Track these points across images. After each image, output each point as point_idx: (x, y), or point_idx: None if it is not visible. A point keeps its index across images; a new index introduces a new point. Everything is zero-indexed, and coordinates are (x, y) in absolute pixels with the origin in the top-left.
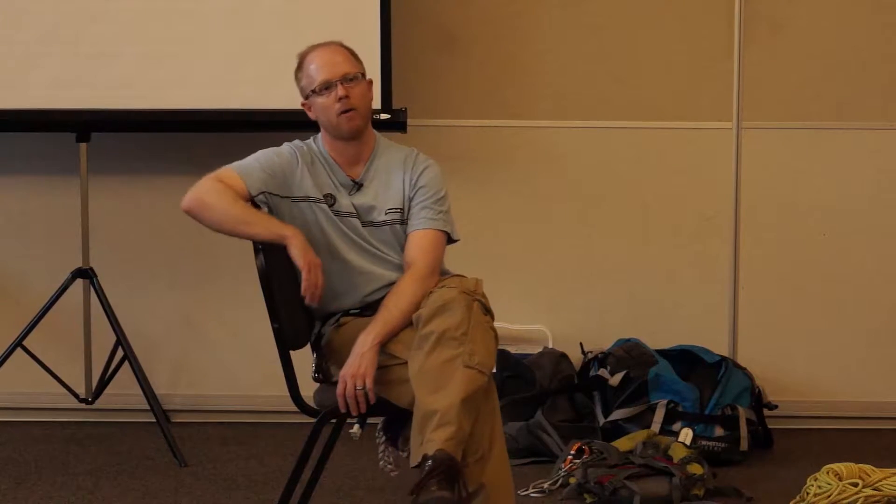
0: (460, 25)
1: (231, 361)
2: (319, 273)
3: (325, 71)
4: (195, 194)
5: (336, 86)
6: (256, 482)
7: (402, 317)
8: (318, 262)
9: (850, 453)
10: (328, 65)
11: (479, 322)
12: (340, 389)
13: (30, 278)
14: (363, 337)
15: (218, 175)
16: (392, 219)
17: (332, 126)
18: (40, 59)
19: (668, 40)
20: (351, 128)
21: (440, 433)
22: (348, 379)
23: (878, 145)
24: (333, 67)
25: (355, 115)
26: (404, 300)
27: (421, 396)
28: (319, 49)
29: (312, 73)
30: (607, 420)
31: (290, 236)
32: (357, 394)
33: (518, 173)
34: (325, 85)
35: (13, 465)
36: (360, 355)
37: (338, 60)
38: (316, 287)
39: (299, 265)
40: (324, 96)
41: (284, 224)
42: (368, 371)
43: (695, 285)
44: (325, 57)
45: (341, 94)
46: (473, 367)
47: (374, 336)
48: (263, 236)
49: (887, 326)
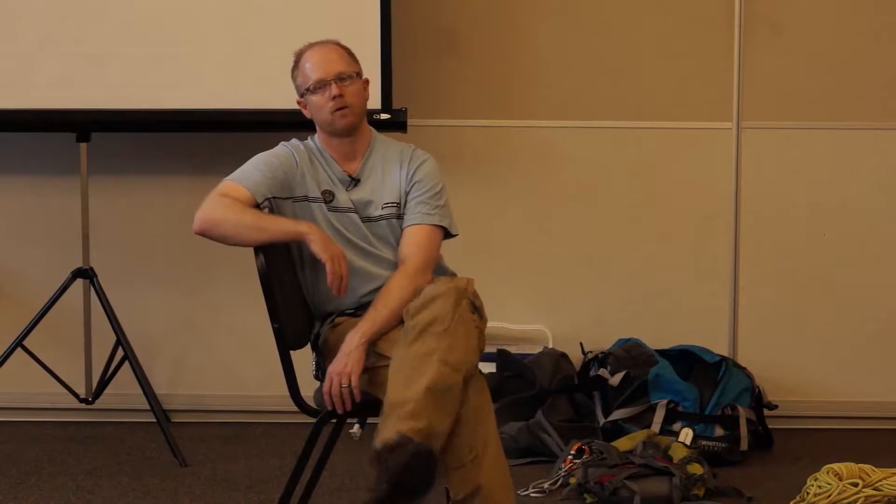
0: (460, 26)
1: (231, 361)
2: (344, 263)
3: (319, 69)
4: (204, 214)
5: (330, 84)
6: (256, 482)
7: (390, 314)
8: (341, 252)
9: (850, 453)
10: (323, 63)
11: (464, 320)
12: (326, 387)
13: (30, 278)
14: (351, 335)
15: (221, 191)
16: (389, 213)
17: (327, 123)
18: (40, 59)
19: (668, 40)
20: (344, 124)
21: (406, 424)
22: (334, 377)
23: (878, 145)
24: (328, 66)
25: (349, 112)
26: (393, 298)
27: (392, 385)
28: (315, 48)
29: (307, 71)
30: (607, 420)
31: (308, 232)
32: (343, 392)
33: (518, 173)
34: (320, 84)
35: (13, 465)
36: (347, 353)
37: (333, 59)
38: (342, 278)
39: (323, 258)
40: (318, 94)
41: (298, 221)
42: (354, 369)
43: (695, 285)
44: (320, 56)
45: (335, 93)
46: (448, 364)
47: (361, 334)
48: (281, 238)
49: (887, 326)
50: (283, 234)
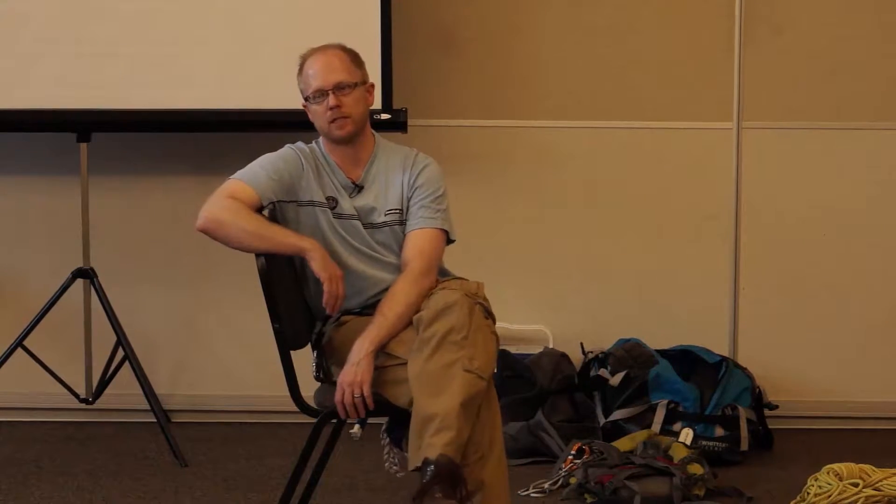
0: (460, 25)
1: (231, 361)
2: (341, 285)
3: (318, 78)
4: (209, 214)
5: (328, 95)
6: (256, 482)
7: (397, 320)
8: (340, 274)
9: (850, 453)
10: (323, 72)
11: (481, 326)
12: (338, 397)
13: (30, 278)
14: (359, 343)
15: (228, 191)
16: (391, 219)
17: (325, 132)
18: (40, 59)
19: (669, 40)
20: (341, 135)
21: (440, 437)
22: (346, 388)
23: (878, 145)
24: (328, 75)
25: (347, 122)
26: (398, 304)
27: (420, 399)
28: (318, 54)
29: (308, 79)
30: (608, 420)
31: (310, 249)
32: (356, 402)
33: (518, 173)
34: (318, 93)
35: (13, 465)
36: (356, 363)
37: (334, 67)
38: (337, 298)
39: (321, 277)
40: (317, 104)
41: (302, 236)
42: (365, 378)
43: (695, 285)
44: (321, 63)
45: (332, 104)
46: (473, 372)
47: (369, 343)
48: (282, 251)
49: (887, 326)
50: (285, 246)
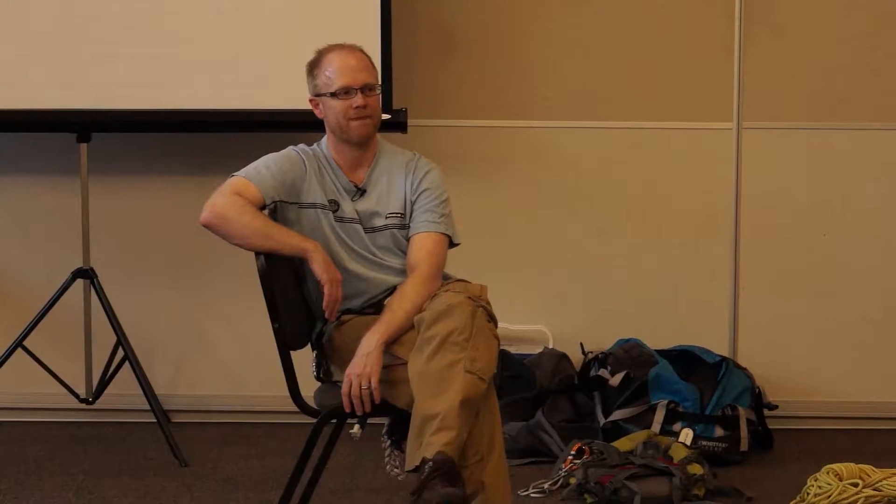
0: (460, 26)
1: (231, 361)
2: (340, 289)
3: (346, 76)
4: (214, 209)
5: (356, 93)
6: (256, 482)
7: (405, 318)
8: (340, 278)
9: (850, 453)
10: (350, 70)
11: (482, 328)
12: (346, 388)
13: (30, 278)
14: (368, 336)
15: (233, 187)
16: (393, 223)
17: (341, 129)
18: (40, 59)
19: (669, 40)
20: (361, 133)
21: (440, 437)
22: (354, 378)
23: (878, 145)
24: (356, 74)
25: (369, 123)
26: (408, 302)
27: (421, 399)
28: (342, 51)
29: (331, 74)
30: (607, 420)
31: (312, 251)
32: (363, 393)
33: (518, 173)
34: (344, 90)
35: (13, 465)
36: (366, 355)
37: (363, 67)
38: (336, 302)
39: (322, 280)
40: (340, 100)
41: (305, 238)
42: (374, 370)
43: (695, 285)
44: (347, 61)
45: (360, 104)
46: (474, 373)
47: (379, 336)
48: (285, 251)
49: (887, 326)
50: (287, 247)
